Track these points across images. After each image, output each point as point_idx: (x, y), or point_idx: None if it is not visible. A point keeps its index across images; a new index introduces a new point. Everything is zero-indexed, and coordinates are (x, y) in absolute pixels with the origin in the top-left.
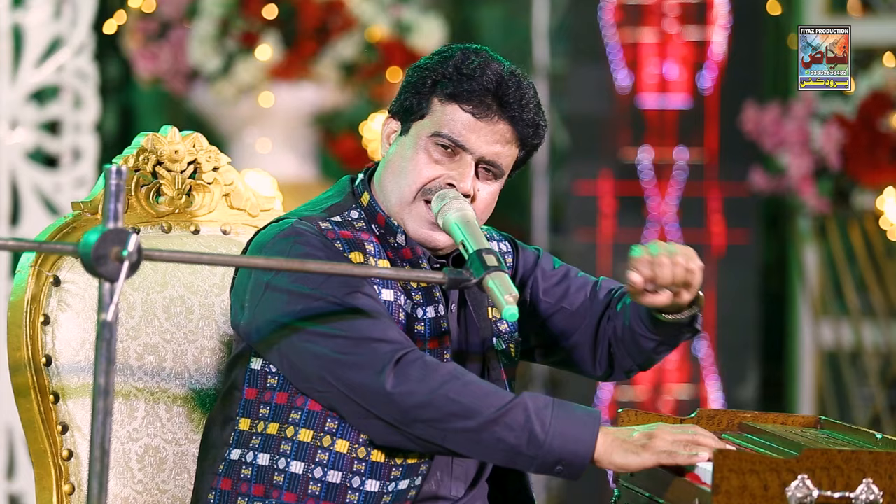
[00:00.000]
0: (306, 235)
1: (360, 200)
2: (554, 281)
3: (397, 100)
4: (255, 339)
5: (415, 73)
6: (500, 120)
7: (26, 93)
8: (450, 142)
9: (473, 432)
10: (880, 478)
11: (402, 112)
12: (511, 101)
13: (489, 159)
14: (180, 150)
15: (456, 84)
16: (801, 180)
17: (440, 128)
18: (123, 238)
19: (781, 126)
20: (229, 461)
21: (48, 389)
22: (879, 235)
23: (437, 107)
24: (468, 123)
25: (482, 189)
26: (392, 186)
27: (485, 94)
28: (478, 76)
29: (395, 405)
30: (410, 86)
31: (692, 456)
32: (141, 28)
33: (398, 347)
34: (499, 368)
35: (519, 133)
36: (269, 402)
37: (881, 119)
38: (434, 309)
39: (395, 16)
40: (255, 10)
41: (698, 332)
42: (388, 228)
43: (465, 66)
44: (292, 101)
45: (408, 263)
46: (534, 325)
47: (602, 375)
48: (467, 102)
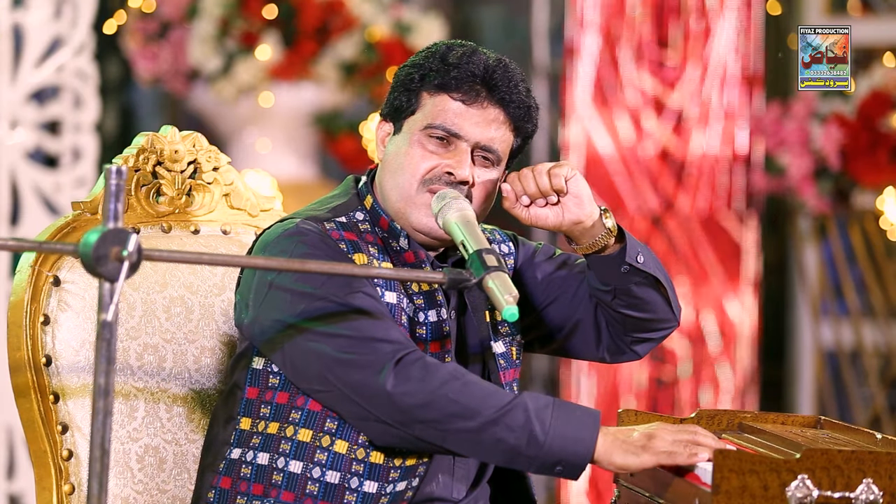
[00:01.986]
0: (310, 235)
1: (363, 203)
2: (551, 268)
3: (387, 102)
4: (258, 338)
5: (402, 72)
6: (490, 104)
7: (26, 93)
8: (443, 132)
9: (473, 433)
10: (880, 478)
11: (393, 112)
12: (500, 84)
13: (484, 144)
14: (180, 150)
15: (443, 74)
16: (801, 180)
17: (432, 119)
18: (123, 238)
19: (781, 126)
20: (230, 460)
21: (48, 389)
22: (879, 235)
23: (427, 100)
24: (459, 111)
25: (481, 176)
26: (391, 184)
27: (472, 80)
28: (464, 64)
29: (396, 405)
30: (399, 85)
31: (692, 456)
32: (141, 28)
33: (399, 347)
34: (498, 372)
35: (511, 116)
36: (271, 401)
37: (881, 119)
38: (436, 313)
39: (395, 16)
40: (255, 10)
41: (641, 271)
42: (391, 232)
43: (451, 56)
44: (292, 101)
45: (410, 268)
46: (534, 315)
47: (609, 356)
48: (456, 90)
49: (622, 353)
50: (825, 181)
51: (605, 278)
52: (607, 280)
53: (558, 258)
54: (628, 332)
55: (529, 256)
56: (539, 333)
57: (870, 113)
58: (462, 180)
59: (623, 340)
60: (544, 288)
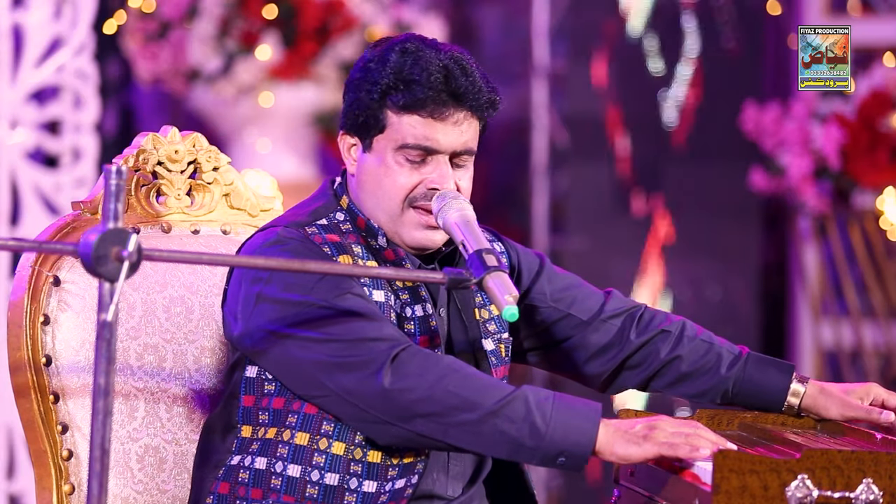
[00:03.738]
0: (291, 242)
1: (340, 203)
2: (561, 287)
3: (347, 117)
4: (251, 350)
5: (358, 89)
6: (457, 111)
7: (26, 93)
8: (418, 150)
9: (474, 424)
10: (880, 478)
11: (357, 128)
12: (463, 91)
13: (460, 150)
14: (180, 150)
15: (405, 94)
16: (801, 180)
17: (404, 139)
18: (123, 238)
19: (781, 126)
20: (229, 466)
21: (48, 389)
22: (879, 235)
23: (394, 119)
24: (430, 126)
25: (462, 177)
26: (373, 204)
27: (437, 94)
28: (424, 79)
29: (395, 402)
30: (357, 102)
31: (693, 449)
32: (141, 28)
33: (394, 344)
34: (490, 369)
35: (478, 114)
36: (267, 407)
37: (881, 119)
38: (422, 307)
39: (395, 16)
40: (255, 10)
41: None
42: (369, 230)
43: (406, 71)
44: (292, 101)
45: (391, 265)
46: (539, 330)
47: (600, 386)
48: (423, 108)
49: (610, 389)
50: (825, 181)
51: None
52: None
53: (567, 277)
54: (644, 388)
55: (537, 268)
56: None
57: (870, 113)
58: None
59: (624, 383)
60: (554, 304)
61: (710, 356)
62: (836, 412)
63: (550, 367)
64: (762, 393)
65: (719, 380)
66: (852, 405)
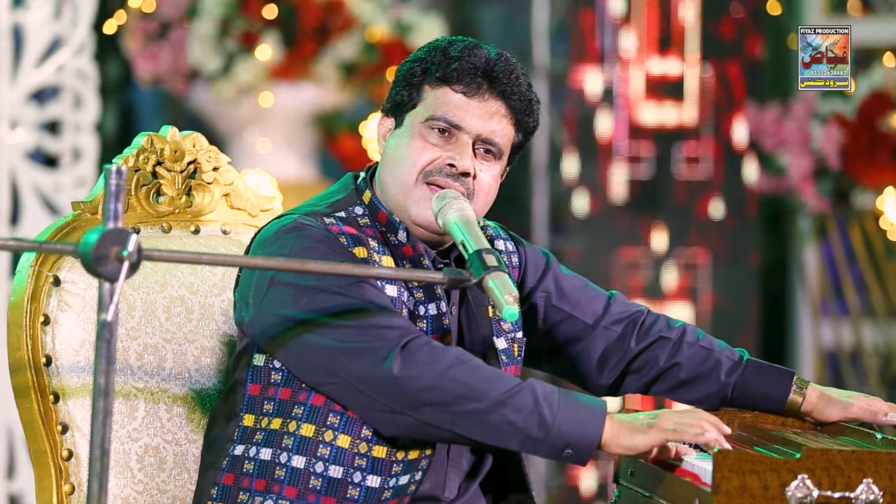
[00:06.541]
0: (309, 229)
1: (362, 198)
2: (567, 288)
3: (389, 97)
4: (260, 335)
5: (403, 67)
6: (491, 97)
7: (26, 93)
8: (444, 123)
9: (482, 413)
10: (880, 478)
11: (394, 107)
12: (501, 77)
13: (485, 137)
14: (180, 150)
15: (444, 67)
16: (801, 180)
17: (433, 111)
18: (123, 238)
19: (781, 126)
20: (233, 456)
21: (48, 389)
22: (879, 235)
23: (429, 93)
24: (460, 103)
25: (483, 170)
26: (391, 177)
27: (474, 73)
28: (465, 57)
29: (403, 390)
30: (400, 80)
31: (698, 435)
32: (141, 28)
33: (404, 333)
34: (500, 367)
35: (512, 109)
36: (273, 397)
37: (881, 119)
38: (436, 306)
39: (395, 16)
40: (255, 10)
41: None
42: (390, 226)
43: (452, 50)
44: (292, 101)
45: (409, 261)
46: (542, 330)
47: (605, 390)
48: (457, 82)
49: (618, 392)
50: (825, 181)
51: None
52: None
53: (572, 279)
54: (648, 392)
55: (543, 268)
56: (545, 346)
57: (870, 113)
58: (463, 171)
59: (629, 387)
60: (559, 305)
61: (710, 362)
62: (837, 417)
63: (558, 373)
64: (761, 399)
65: (719, 386)
66: (854, 413)
